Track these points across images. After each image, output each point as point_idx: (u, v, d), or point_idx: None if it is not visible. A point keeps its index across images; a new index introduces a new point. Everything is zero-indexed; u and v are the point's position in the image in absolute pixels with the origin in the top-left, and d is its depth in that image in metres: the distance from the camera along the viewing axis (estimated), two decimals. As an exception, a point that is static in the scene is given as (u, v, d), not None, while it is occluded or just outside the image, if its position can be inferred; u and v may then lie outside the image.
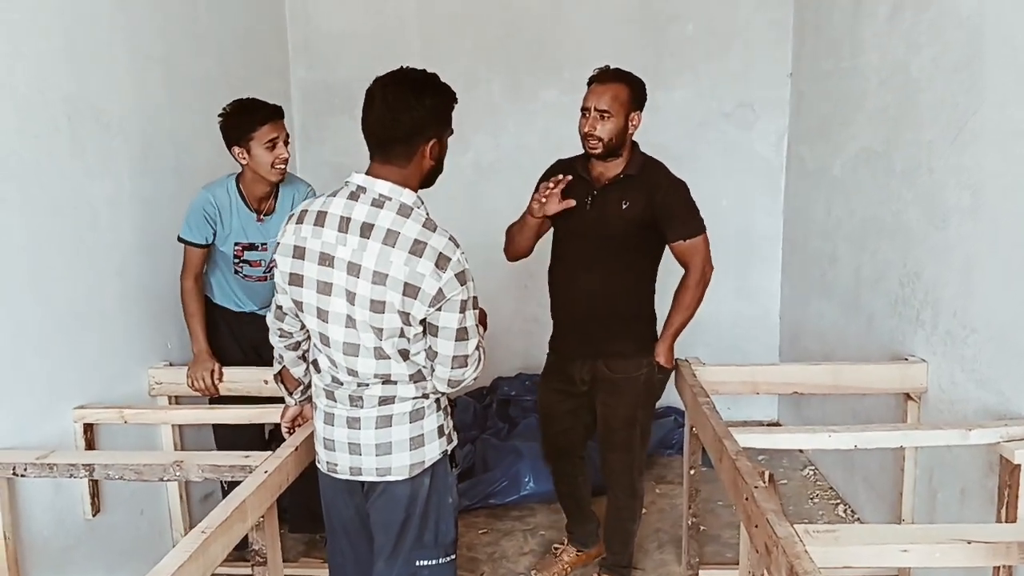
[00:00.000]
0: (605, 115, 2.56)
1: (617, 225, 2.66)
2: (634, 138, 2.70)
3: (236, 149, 2.78)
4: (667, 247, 2.75)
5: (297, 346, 2.13)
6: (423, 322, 1.87)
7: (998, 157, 2.45)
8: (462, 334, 1.89)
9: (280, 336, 2.11)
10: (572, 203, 2.63)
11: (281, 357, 2.18)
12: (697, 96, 4.46)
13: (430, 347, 1.91)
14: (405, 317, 1.83)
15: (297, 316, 2.01)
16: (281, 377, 2.25)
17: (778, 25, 4.34)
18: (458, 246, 1.86)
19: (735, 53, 4.41)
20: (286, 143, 2.82)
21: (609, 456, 2.93)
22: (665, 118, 4.40)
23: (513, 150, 4.57)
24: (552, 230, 2.84)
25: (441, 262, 1.81)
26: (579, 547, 3.19)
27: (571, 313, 2.83)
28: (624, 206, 2.65)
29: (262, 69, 4.28)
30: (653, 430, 4.16)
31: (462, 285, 1.85)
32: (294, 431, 2.34)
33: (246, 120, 2.75)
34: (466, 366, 1.94)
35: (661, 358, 2.79)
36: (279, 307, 2.05)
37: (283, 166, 2.83)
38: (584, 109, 2.62)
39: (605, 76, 2.62)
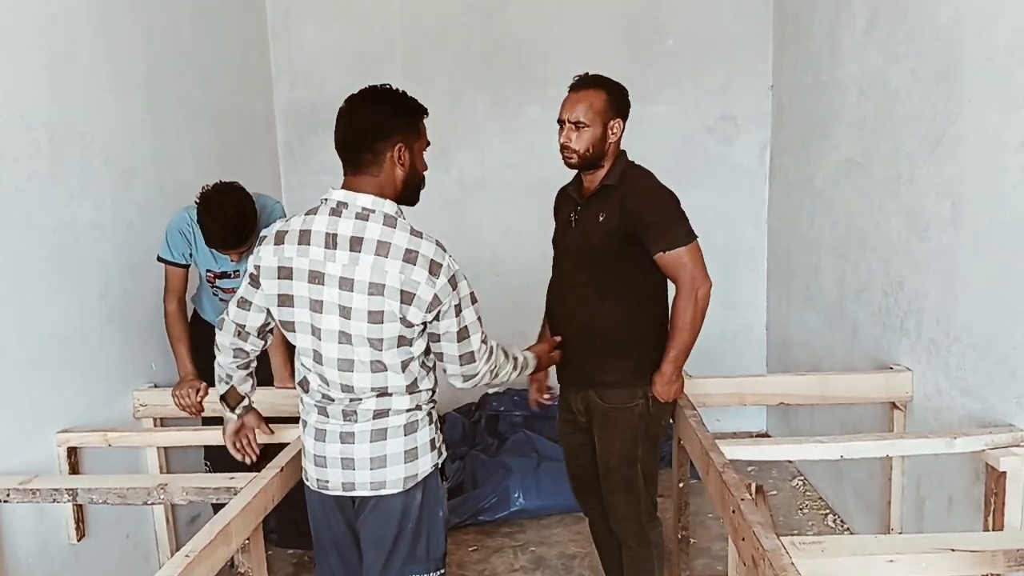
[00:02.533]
0: (580, 126, 2.42)
1: (596, 240, 2.47)
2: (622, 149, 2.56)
3: None
4: None
5: (248, 364, 2.18)
6: (423, 324, 1.90)
7: (977, 166, 2.47)
8: (463, 334, 1.95)
9: (235, 356, 2.13)
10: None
11: (229, 377, 2.20)
12: (680, 110, 4.50)
13: (436, 351, 1.98)
14: (405, 321, 1.87)
15: (262, 335, 2.07)
16: (226, 397, 2.26)
17: (758, 38, 4.39)
18: (445, 250, 1.91)
19: (716, 66, 4.45)
20: (241, 254, 2.81)
21: (610, 499, 2.65)
22: (648, 132, 4.42)
23: (497, 167, 4.59)
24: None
25: (434, 268, 1.85)
26: None
27: (563, 337, 2.59)
28: (600, 219, 2.46)
29: (245, 89, 4.29)
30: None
31: (454, 289, 1.89)
32: (241, 447, 2.35)
33: (203, 230, 2.74)
34: (475, 360, 2.00)
35: (656, 387, 2.51)
36: (241, 326, 2.05)
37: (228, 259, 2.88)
38: (559, 121, 2.47)
39: (579, 84, 2.47)
